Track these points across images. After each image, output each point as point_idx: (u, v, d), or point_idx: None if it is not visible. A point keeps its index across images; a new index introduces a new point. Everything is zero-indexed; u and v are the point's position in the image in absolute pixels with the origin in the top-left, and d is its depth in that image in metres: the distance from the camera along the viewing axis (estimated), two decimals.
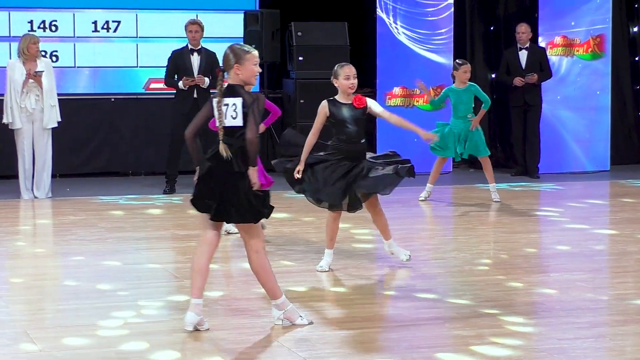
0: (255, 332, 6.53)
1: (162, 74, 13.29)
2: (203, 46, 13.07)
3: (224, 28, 14.75)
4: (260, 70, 6.76)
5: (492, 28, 15.78)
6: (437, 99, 12.66)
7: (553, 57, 14.86)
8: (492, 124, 15.57)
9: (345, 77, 8.05)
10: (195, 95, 12.87)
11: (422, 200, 12.25)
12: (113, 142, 14.49)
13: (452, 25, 14.84)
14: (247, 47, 6.69)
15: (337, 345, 6.27)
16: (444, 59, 14.73)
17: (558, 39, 15.08)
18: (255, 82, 6.63)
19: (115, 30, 14.75)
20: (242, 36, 14.60)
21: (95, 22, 14.67)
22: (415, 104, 14.79)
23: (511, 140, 15.13)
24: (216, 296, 7.49)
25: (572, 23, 15.05)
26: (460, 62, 12.30)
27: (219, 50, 13.35)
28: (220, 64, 6.80)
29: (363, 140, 8.19)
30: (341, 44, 14.46)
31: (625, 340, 6.41)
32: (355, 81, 8.13)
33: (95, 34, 14.69)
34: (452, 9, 14.85)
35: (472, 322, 6.76)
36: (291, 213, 11.24)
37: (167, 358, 6.03)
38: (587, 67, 15.04)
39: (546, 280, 8.17)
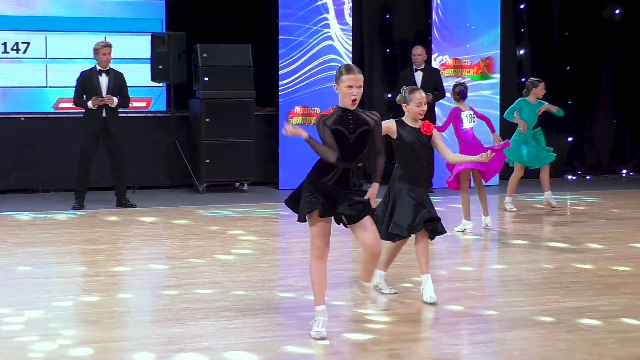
0: None
1: (71, 93, 13.16)
2: (111, 67, 13.01)
3: (132, 50, 14.69)
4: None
5: (388, 50, 15.95)
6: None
7: (445, 77, 15.09)
8: None
9: (417, 103, 7.67)
10: (104, 115, 12.81)
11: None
12: (23, 160, 14.30)
13: (351, 48, 14.99)
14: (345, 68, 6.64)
15: None
16: None
17: (450, 61, 15.35)
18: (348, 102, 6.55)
19: (25, 51, 14.58)
20: (150, 57, 14.56)
21: (5, 44, 14.49)
22: (311, 122, 14.83)
23: None
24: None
25: (467, 46, 15.33)
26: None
27: (126, 71, 13.44)
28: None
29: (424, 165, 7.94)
30: (245, 65, 14.50)
31: (512, 345, 6.53)
32: (426, 107, 7.81)
33: (5, 54, 14.50)
34: (351, 33, 14.99)
35: (367, 328, 6.84)
36: None
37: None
38: (477, 87, 15.30)
39: (440, 289, 8.27)
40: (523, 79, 16.42)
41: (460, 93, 11.37)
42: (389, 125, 7.68)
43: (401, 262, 8.56)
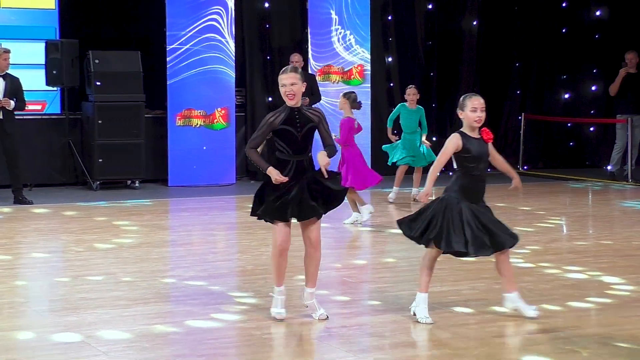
0: None
1: None
2: (8, 72, 12.77)
3: (27, 56, 14.40)
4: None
5: (268, 57, 15.95)
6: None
7: (320, 82, 15.19)
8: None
9: (472, 109, 6.81)
10: (0, 116, 12.58)
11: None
12: None
13: (234, 55, 14.97)
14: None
15: None
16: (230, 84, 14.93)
17: (326, 67, 15.46)
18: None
19: None
20: (45, 63, 14.30)
21: None
22: (197, 124, 14.75)
23: None
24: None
25: (341, 54, 15.47)
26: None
27: (22, 75, 13.17)
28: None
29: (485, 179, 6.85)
30: (135, 70, 14.35)
31: (384, 327, 6.61)
32: (483, 115, 6.84)
33: None
34: (234, 41, 14.97)
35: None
36: None
37: None
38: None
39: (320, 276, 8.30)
40: (392, 84, 16.65)
41: (358, 102, 11.19)
42: (455, 141, 6.72)
43: None
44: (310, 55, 15.38)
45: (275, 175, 6.46)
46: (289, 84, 6.56)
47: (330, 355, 5.96)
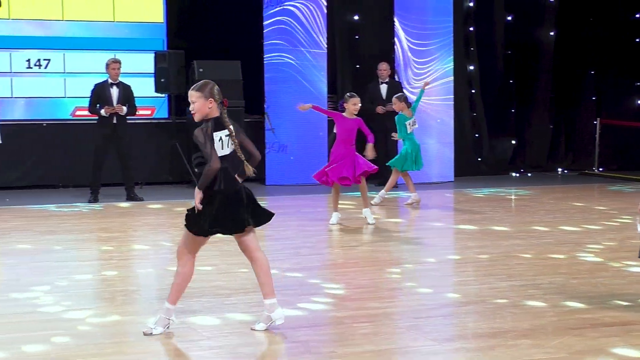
0: None
1: (86, 103, 13.12)
2: (121, 80, 12.99)
3: (138, 65, 14.64)
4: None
5: (357, 66, 15.94)
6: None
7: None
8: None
9: None
10: (114, 121, 12.81)
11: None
12: (45, 160, 14.24)
13: (326, 64, 15.00)
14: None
15: None
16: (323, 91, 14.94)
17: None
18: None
19: (46, 67, 14.51)
20: (154, 72, 14.52)
21: (29, 60, 14.42)
22: None
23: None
24: None
25: (426, 60, 15.39)
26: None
27: (133, 83, 13.38)
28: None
29: None
30: (236, 78, 14.47)
31: (466, 318, 6.55)
32: None
33: (29, 70, 14.44)
34: (326, 51, 14.99)
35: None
36: None
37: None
38: (434, 100, 15.35)
39: (406, 271, 8.28)
40: (473, 90, 16.50)
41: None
42: None
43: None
44: (395, 64, 15.30)
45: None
46: (190, 101, 5.99)
47: (416, 343, 5.91)
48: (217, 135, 5.96)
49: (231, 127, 6.04)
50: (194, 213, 6.01)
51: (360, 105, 10.80)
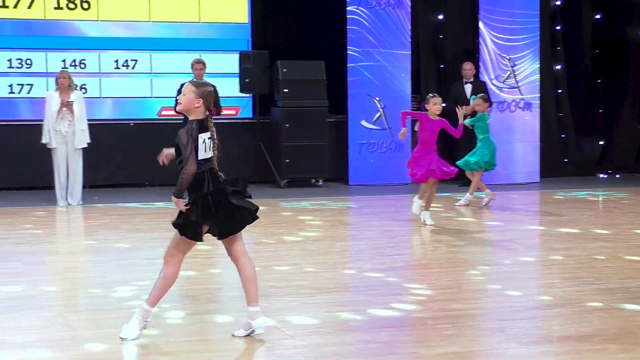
0: None
1: (172, 103, 13.24)
2: (205, 80, 13.11)
3: (223, 65, 14.76)
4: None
5: (442, 66, 15.82)
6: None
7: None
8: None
9: None
10: None
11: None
12: (132, 159, 14.45)
13: (410, 64, 14.92)
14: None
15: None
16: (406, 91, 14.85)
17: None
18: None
19: (133, 67, 14.73)
20: (238, 72, 14.63)
21: (116, 61, 14.66)
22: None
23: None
24: None
25: (508, 59, 15.19)
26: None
27: (219, 83, 13.45)
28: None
29: None
30: (319, 78, 14.50)
31: (553, 321, 6.43)
32: None
33: (117, 70, 14.67)
34: (410, 51, 14.91)
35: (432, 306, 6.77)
36: None
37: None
38: (520, 99, 15.14)
39: (490, 272, 8.19)
40: (560, 90, 16.23)
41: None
42: None
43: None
44: (480, 64, 15.15)
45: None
46: (182, 93, 6.02)
47: (501, 345, 5.82)
48: (201, 137, 5.94)
49: (214, 129, 5.99)
50: (186, 219, 5.85)
51: (441, 105, 10.70)
